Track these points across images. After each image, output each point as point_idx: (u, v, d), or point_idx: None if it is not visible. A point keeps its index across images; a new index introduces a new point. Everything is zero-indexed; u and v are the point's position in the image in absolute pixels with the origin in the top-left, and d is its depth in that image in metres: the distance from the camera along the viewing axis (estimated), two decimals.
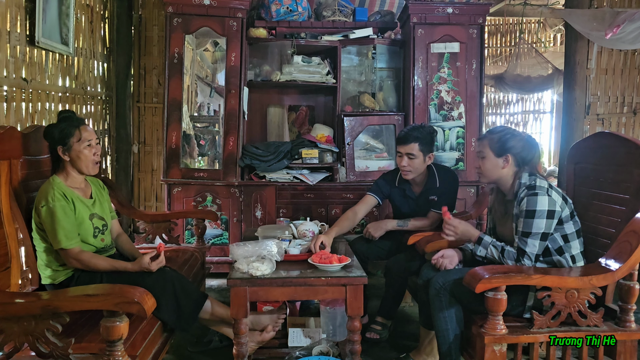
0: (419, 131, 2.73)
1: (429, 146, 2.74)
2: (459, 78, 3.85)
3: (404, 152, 2.73)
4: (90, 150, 2.15)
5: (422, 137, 2.71)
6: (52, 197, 2.02)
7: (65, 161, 2.14)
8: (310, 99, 4.40)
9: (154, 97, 4.74)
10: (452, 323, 2.01)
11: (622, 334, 1.84)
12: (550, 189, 2.03)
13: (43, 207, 2.01)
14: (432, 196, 2.81)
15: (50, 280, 2.10)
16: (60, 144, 2.11)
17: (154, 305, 1.64)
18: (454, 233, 2.19)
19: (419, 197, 2.86)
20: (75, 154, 2.12)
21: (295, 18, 4.01)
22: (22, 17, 2.95)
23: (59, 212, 2.01)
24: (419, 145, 2.70)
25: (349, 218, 2.76)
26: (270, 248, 2.20)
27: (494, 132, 2.19)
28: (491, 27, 6.95)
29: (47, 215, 2.00)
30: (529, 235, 1.98)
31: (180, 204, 3.78)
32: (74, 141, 2.11)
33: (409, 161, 2.72)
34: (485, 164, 2.16)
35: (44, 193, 2.04)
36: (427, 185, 2.83)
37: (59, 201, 2.02)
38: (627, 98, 4.51)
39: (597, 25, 3.74)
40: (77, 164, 2.14)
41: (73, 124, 2.13)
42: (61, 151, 2.12)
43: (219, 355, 2.56)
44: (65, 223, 2.01)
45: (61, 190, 2.08)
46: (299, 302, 2.89)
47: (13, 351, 1.67)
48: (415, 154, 2.71)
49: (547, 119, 7.11)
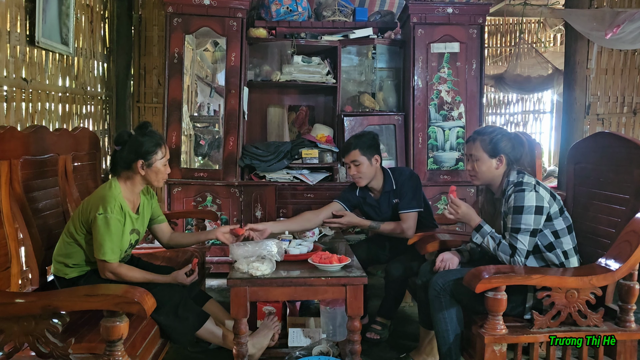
0: (356, 138, 2.77)
1: (371, 149, 2.74)
2: (459, 78, 3.85)
3: (348, 161, 2.75)
4: (166, 168, 2.20)
5: (360, 143, 2.73)
6: (112, 208, 2.03)
7: (137, 174, 2.15)
8: (310, 99, 4.40)
9: (154, 97, 4.74)
10: (452, 323, 2.01)
11: (622, 334, 1.84)
12: (538, 185, 2.04)
13: (100, 214, 2.01)
14: (393, 199, 2.80)
15: (62, 274, 2.11)
16: (142, 158, 2.13)
17: (154, 305, 1.64)
18: (455, 213, 2.16)
19: (380, 202, 2.84)
20: (154, 171, 2.15)
21: (295, 18, 4.01)
22: (22, 17, 2.95)
23: (113, 226, 2.02)
24: (359, 150, 2.71)
25: (307, 219, 2.72)
26: (270, 248, 2.20)
27: (484, 132, 2.16)
28: (491, 27, 6.95)
29: (103, 224, 2.01)
30: (518, 232, 1.98)
31: (180, 204, 3.78)
32: (157, 159, 2.15)
33: (356, 168, 2.74)
34: (480, 167, 2.14)
35: (103, 201, 2.04)
36: (384, 189, 2.82)
37: (117, 214, 2.04)
38: (627, 98, 4.52)
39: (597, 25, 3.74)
40: (152, 179, 2.17)
41: (159, 142, 2.17)
42: (140, 165, 2.13)
43: (219, 355, 2.56)
44: (115, 238, 2.03)
45: (120, 202, 2.08)
46: (299, 302, 2.89)
47: (13, 351, 1.67)
48: (359, 159, 2.72)
49: (547, 119, 7.11)
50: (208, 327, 2.19)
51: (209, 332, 2.20)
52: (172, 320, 2.07)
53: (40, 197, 2.24)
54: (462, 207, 2.16)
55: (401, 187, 2.78)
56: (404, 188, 2.77)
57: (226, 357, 2.41)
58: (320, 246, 2.49)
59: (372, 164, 2.75)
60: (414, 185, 2.79)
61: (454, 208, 2.16)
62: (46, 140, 2.30)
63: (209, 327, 2.19)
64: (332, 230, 2.91)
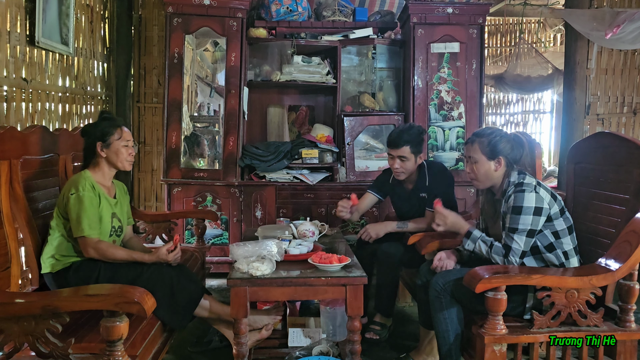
0: (409, 134, 2.73)
1: (419, 147, 2.75)
2: (459, 78, 3.85)
3: (395, 155, 2.74)
4: (127, 149, 2.27)
5: (412, 140, 2.71)
6: (83, 186, 2.12)
7: (101, 158, 2.24)
8: (310, 99, 4.40)
9: (154, 97, 4.73)
10: (452, 324, 2.01)
11: (622, 334, 1.84)
12: (539, 186, 2.03)
13: (72, 194, 2.09)
14: (422, 194, 2.81)
15: (50, 269, 2.13)
16: (100, 140, 2.22)
17: (154, 305, 1.64)
18: (443, 223, 2.18)
19: (411, 193, 2.87)
20: (114, 151, 2.24)
21: (295, 18, 4.01)
22: (22, 17, 2.95)
23: (86, 201, 2.09)
24: (410, 148, 2.71)
25: None
26: (270, 248, 2.20)
27: (482, 134, 2.16)
28: (491, 27, 6.94)
29: (76, 202, 2.08)
30: (515, 232, 1.98)
31: (180, 204, 3.78)
32: (115, 139, 2.23)
33: (402, 163, 2.74)
34: (479, 169, 2.14)
35: (74, 182, 2.13)
36: (418, 183, 2.83)
37: (88, 192, 2.12)
38: (627, 98, 4.51)
39: (597, 25, 3.74)
40: (114, 160, 2.25)
41: (115, 124, 2.27)
42: (100, 147, 2.22)
43: (219, 355, 2.56)
44: (90, 213, 2.10)
45: (91, 182, 2.17)
46: (299, 302, 2.89)
47: (13, 351, 1.67)
48: (407, 156, 2.72)
49: (547, 119, 7.10)
50: (206, 305, 2.25)
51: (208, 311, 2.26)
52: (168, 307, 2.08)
53: (40, 197, 2.24)
54: (449, 216, 2.18)
55: (432, 184, 2.79)
56: (435, 185, 2.79)
57: (226, 357, 2.42)
58: (320, 246, 2.49)
59: (416, 161, 2.77)
60: (446, 184, 2.81)
61: (441, 218, 2.18)
62: (46, 140, 2.30)
63: (206, 305, 2.25)
64: (332, 231, 2.92)
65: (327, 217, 3.79)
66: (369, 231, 2.83)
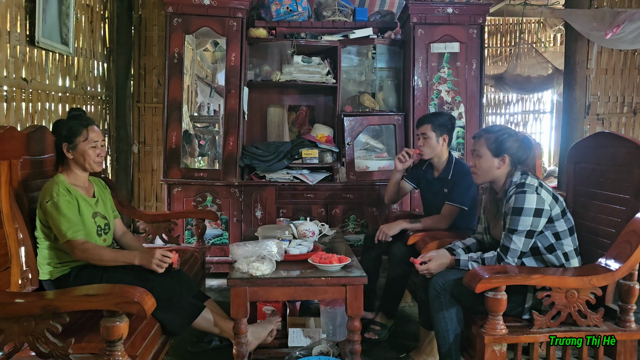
0: (434, 114, 2.98)
1: (442, 128, 2.88)
2: (459, 78, 3.85)
3: (419, 133, 2.93)
4: (94, 151, 2.16)
5: (435, 119, 2.89)
6: (57, 192, 2.04)
7: (69, 159, 2.15)
8: (310, 99, 4.40)
9: (154, 97, 4.74)
10: (452, 323, 2.01)
11: (622, 334, 1.84)
12: (540, 187, 2.03)
13: (48, 202, 2.02)
14: (444, 187, 2.89)
15: (48, 276, 2.10)
16: (66, 141, 2.13)
17: (154, 305, 1.64)
18: (429, 274, 2.16)
19: (436, 181, 2.96)
20: (80, 153, 2.14)
21: (295, 18, 4.01)
22: (22, 17, 2.95)
23: (63, 206, 2.02)
24: (431, 126, 2.87)
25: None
26: (270, 248, 2.20)
27: (491, 131, 2.17)
28: (491, 27, 6.95)
29: (52, 209, 2.01)
30: (514, 232, 1.98)
31: (180, 204, 3.78)
32: (80, 140, 2.14)
33: (424, 140, 2.90)
34: (481, 164, 2.15)
35: (48, 189, 2.06)
36: (443, 173, 2.93)
37: (63, 196, 2.05)
38: (627, 98, 4.51)
39: (597, 25, 3.74)
40: (80, 161, 2.16)
41: (82, 123, 2.15)
42: (65, 148, 2.14)
43: (219, 355, 2.56)
44: (70, 216, 2.03)
45: (65, 186, 2.10)
46: (299, 302, 2.89)
47: (13, 351, 1.67)
48: (428, 134, 2.87)
49: (547, 119, 7.10)
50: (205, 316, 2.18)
51: (206, 321, 2.18)
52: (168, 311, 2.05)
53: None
54: (430, 266, 2.15)
55: (455, 179, 2.86)
56: (457, 181, 2.84)
57: (226, 357, 2.42)
58: (320, 246, 2.49)
59: (438, 141, 2.89)
60: (468, 182, 2.80)
61: (425, 272, 2.16)
62: (46, 140, 2.30)
63: (206, 316, 2.18)
64: (332, 231, 2.93)
65: (327, 217, 3.79)
66: (384, 230, 2.88)
